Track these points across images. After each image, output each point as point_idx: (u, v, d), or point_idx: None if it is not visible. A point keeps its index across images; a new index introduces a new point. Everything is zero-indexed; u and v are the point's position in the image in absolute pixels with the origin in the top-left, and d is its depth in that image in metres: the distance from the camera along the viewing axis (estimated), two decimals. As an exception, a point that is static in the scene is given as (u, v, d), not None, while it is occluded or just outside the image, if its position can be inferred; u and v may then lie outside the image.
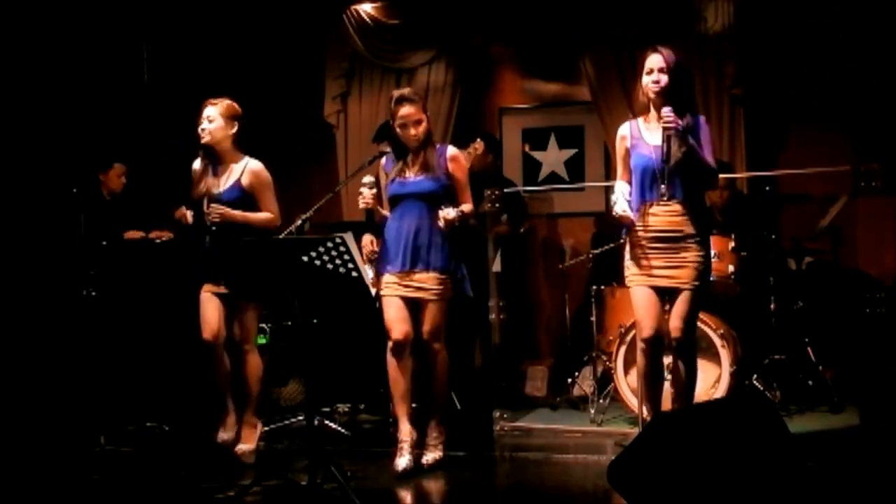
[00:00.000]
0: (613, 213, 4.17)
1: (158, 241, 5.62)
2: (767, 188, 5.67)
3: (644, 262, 4.16)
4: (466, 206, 4.44)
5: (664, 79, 4.07)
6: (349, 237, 3.82)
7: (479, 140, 4.83)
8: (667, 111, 4.01)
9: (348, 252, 3.77)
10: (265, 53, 6.97)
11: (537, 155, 6.97)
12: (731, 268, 5.21)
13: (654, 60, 4.10)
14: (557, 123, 6.91)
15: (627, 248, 4.24)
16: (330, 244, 3.78)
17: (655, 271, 4.14)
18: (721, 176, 5.68)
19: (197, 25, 6.71)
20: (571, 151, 6.87)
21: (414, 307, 4.44)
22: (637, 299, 4.21)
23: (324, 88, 6.95)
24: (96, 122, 6.26)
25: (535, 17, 6.51)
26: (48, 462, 4.76)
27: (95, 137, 6.21)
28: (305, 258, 3.79)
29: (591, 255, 5.81)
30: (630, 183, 4.23)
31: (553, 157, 6.92)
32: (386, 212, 4.51)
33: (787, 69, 6.25)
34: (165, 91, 6.53)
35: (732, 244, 5.24)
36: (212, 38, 6.77)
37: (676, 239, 4.11)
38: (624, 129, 4.29)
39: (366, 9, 6.78)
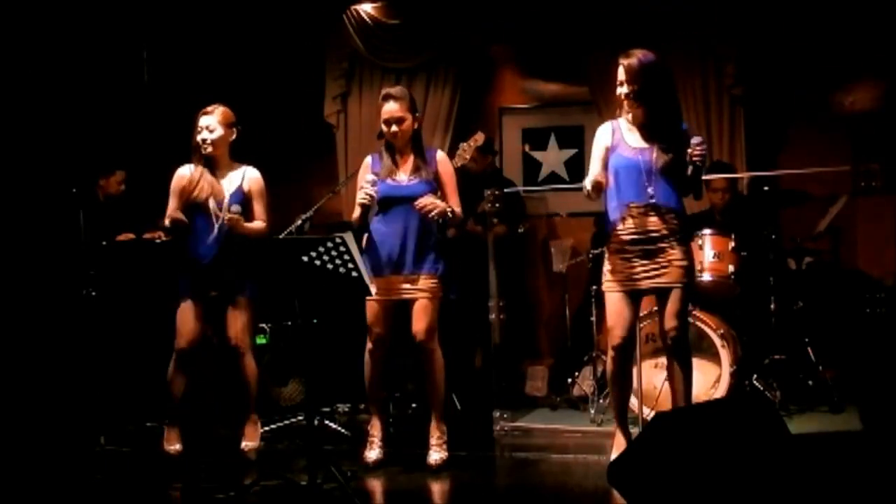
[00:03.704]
0: (585, 188, 4.09)
1: (158, 240, 5.62)
2: (767, 188, 5.67)
3: (626, 267, 4.15)
4: (456, 209, 4.44)
5: (628, 88, 4.09)
6: (349, 237, 3.82)
7: (479, 132, 4.83)
8: (697, 141, 4.03)
9: (348, 252, 3.77)
10: (265, 54, 6.96)
11: (537, 155, 6.97)
12: (731, 268, 5.21)
13: (619, 71, 4.12)
14: (557, 123, 6.91)
15: (607, 252, 4.22)
16: (330, 244, 3.78)
17: (639, 275, 4.14)
18: (721, 176, 5.74)
19: (197, 26, 6.70)
20: (571, 151, 6.87)
21: (402, 309, 4.44)
22: (612, 306, 4.21)
23: (324, 88, 6.95)
24: (96, 123, 6.25)
25: (535, 18, 6.52)
26: (48, 462, 4.76)
27: (95, 139, 6.21)
28: (305, 258, 3.80)
29: (590, 255, 5.80)
30: (604, 182, 4.16)
31: (553, 157, 6.92)
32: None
33: (787, 69, 6.25)
34: (165, 92, 6.53)
35: (732, 244, 5.24)
36: (212, 39, 6.76)
37: (659, 239, 4.11)
38: (605, 129, 4.26)
39: (366, 9, 6.77)
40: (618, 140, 4.19)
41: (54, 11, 6.09)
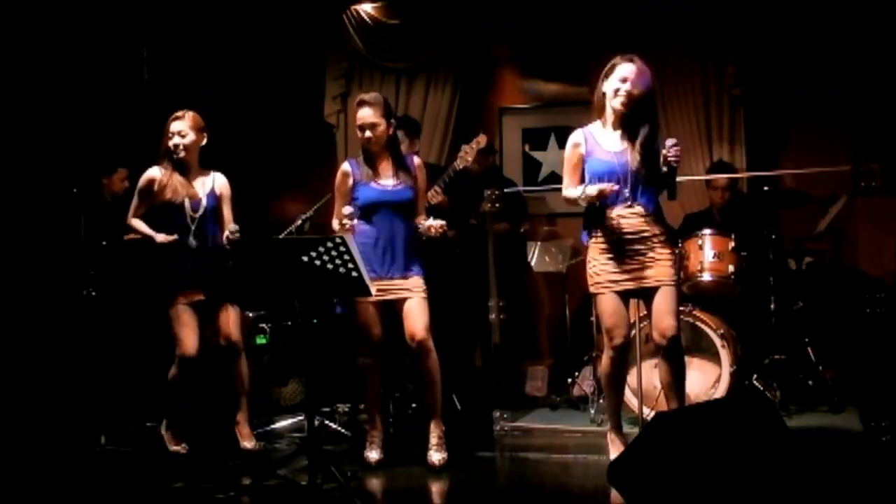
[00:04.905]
0: (588, 196, 4.03)
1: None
2: (767, 188, 5.67)
3: (612, 268, 4.14)
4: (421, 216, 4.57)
5: (634, 91, 4.06)
6: (349, 237, 3.83)
7: (482, 134, 4.86)
8: (672, 142, 4.02)
9: (348, 252, 3.77)
10: (265, 53, 6.96)
11: (537, 155, 6.97)
12: (731, 268, 5.20)
13: (628, 70, 4.06)
14: (557, 123, 6.90)
15: (591, 254, 4.21)
16: (330, 244, 3.78)
17: (627, 275, 4.13)
18: (721, 176, 5.74)
19: (197, 25, 6.70)
20: (571, 151, 6.86)
21: (394, 310, 4.46)
22: (606, 307, 4.17)
23: (324, 88, 6.95)
24: (96, 122, 6.26)
25: (536, 18, 6.52)
26: (48, 462, 4.76)
27: (96, 138, 6.21)
28: (305, 258, 3.80)
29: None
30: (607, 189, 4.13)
31: (553, 157, 6.91)
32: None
33: (787, 69, 6.25)
34: (165, 91, 6.53)
35: (732, 244, 5.23)
36: (212, 39, 6.76)
37: (644, 239, 4.12)
38: (578, 137, 4.23)
39: (366, 9, 6.78)
40: (592, 146, 4.18)
41: (54, 10, 6.09)
